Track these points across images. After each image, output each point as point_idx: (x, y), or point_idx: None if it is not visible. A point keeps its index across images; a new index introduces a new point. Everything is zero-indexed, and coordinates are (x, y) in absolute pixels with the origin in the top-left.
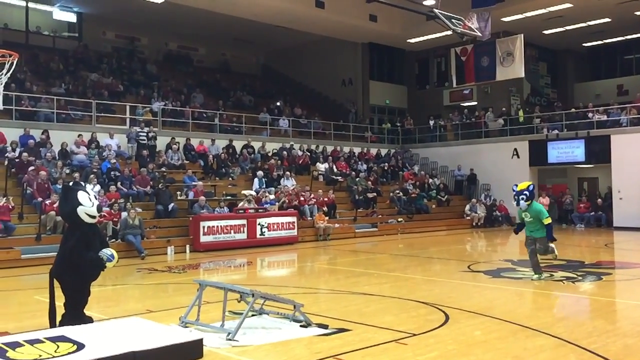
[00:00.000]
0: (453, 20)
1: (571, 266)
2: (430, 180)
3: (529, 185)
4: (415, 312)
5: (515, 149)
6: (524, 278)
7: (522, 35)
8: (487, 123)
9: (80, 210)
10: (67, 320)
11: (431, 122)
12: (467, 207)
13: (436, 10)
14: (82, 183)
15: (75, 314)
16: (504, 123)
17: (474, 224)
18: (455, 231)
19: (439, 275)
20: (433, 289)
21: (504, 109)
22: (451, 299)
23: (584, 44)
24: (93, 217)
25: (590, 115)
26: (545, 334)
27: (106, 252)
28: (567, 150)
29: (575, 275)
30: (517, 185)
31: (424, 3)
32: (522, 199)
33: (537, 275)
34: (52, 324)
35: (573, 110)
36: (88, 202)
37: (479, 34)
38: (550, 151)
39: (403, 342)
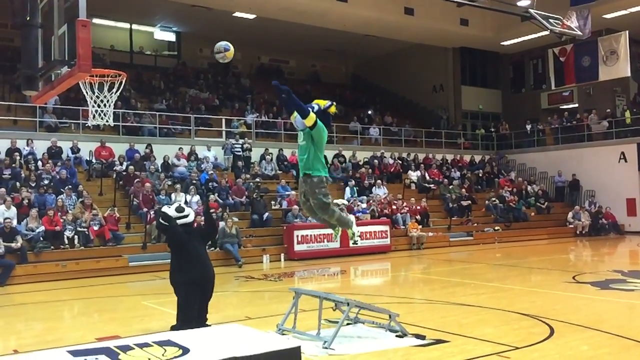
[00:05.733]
0: (550, 19)
1: None
2: (529, 187)
3: (327, 103)
4: (517, 325)
5: (622, 153)
6: (637, 290)
7: (627, 32)
8: (590, 126)
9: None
10: (178, 324)
11: (528, 127)
12: (570, 214)
13: (532, 11)
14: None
15: (183, 318)
16: (609, 125)
17: (577, 232)
18: (557, 240)
19: (541, 286)
20: (535, 300)
21: (608, 110)
22: (555, 311)
23: None
24: (176, 218)
25: None
26: None
27: (221, 43)
28: None
29: None
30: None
31: (519, 4)
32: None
33: (336, 229)
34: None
35: None
36: (167, 209)
37: (579, 32)
38: None
39: (505, 356)
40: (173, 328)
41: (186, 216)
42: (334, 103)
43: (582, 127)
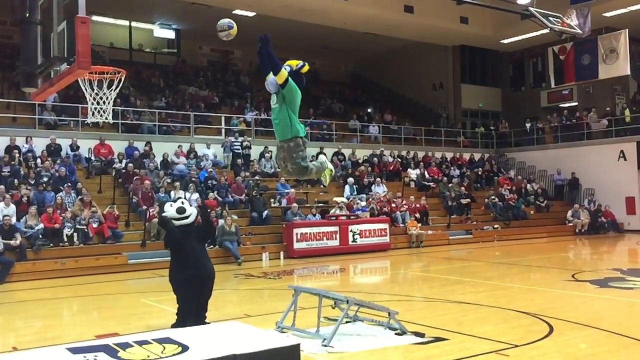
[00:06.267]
0: (550, 18)
1: None
2: (528, 185)
3: (299, 63)
4: (516, 323)
5: (622, 151)
6: (636, 288)
7: (627, 30)
8: (590, 124)
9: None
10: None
11: (528, 125)
12: (569, 213)
13: (532, 9)
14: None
15: (181, 316)
16: (609, 124)
17: (577, 230)
18: (556, 238)
19: (540, 284)
20: (534, 298)
21: (608, 109)
22: (555, 310)
23: None
24: (175, 218)
25: None
26: None
27: (224, 21)
28: None
29: None
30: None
31: (519, 2)
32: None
33: (323, 177)
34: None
35: None
36: (168, 207)
37: (579, 31)
38: None
39: (504, 354)
40: (174, 326)
41: (187, 217)
42: (306, 63)
43: (582, 126)
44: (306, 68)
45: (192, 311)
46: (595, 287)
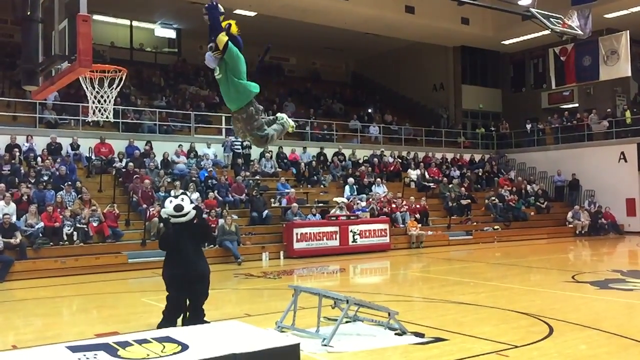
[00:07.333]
0: (551, 19)
1: None
2: (528, 187)
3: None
4: (516, 323)
5: (622, 153)
6: (636, 290)
7: (628, 31)
8: (590, 125)
9: (162, 213)
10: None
11: (528, 126)
12: (570, 214)
13: (533, 10)
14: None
15: (167, 317)
16: (609, 125)
17: (577, 232)
18: (556, 240)
19: (540, 285)
20: (534, 299)
21: (608, 110)
22: (555, 311)
23: None
24: (172, 216)
25: None
26: None
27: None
28: None
29: None
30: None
31: (520, 3)
32: (211, 47)
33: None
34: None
35: None
36: (168, 203)
37: (580, 32)
38: None
39: (504, 354)
40: (159, 325)
41: (184, 215)
42: (232, 22)
43: (582, 127)
44: (234, 27)
45: (176, 306)
46: (595, 288)
